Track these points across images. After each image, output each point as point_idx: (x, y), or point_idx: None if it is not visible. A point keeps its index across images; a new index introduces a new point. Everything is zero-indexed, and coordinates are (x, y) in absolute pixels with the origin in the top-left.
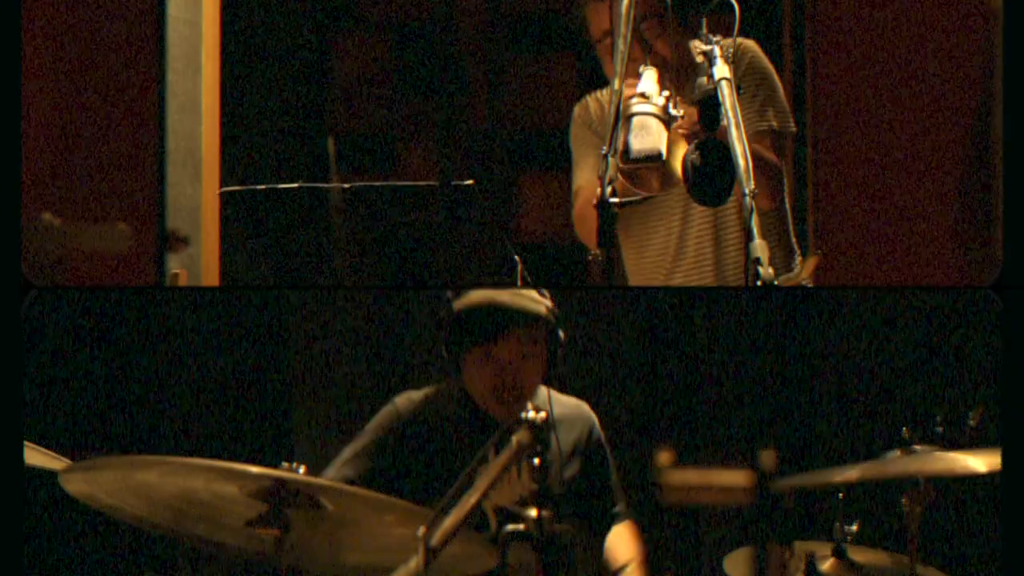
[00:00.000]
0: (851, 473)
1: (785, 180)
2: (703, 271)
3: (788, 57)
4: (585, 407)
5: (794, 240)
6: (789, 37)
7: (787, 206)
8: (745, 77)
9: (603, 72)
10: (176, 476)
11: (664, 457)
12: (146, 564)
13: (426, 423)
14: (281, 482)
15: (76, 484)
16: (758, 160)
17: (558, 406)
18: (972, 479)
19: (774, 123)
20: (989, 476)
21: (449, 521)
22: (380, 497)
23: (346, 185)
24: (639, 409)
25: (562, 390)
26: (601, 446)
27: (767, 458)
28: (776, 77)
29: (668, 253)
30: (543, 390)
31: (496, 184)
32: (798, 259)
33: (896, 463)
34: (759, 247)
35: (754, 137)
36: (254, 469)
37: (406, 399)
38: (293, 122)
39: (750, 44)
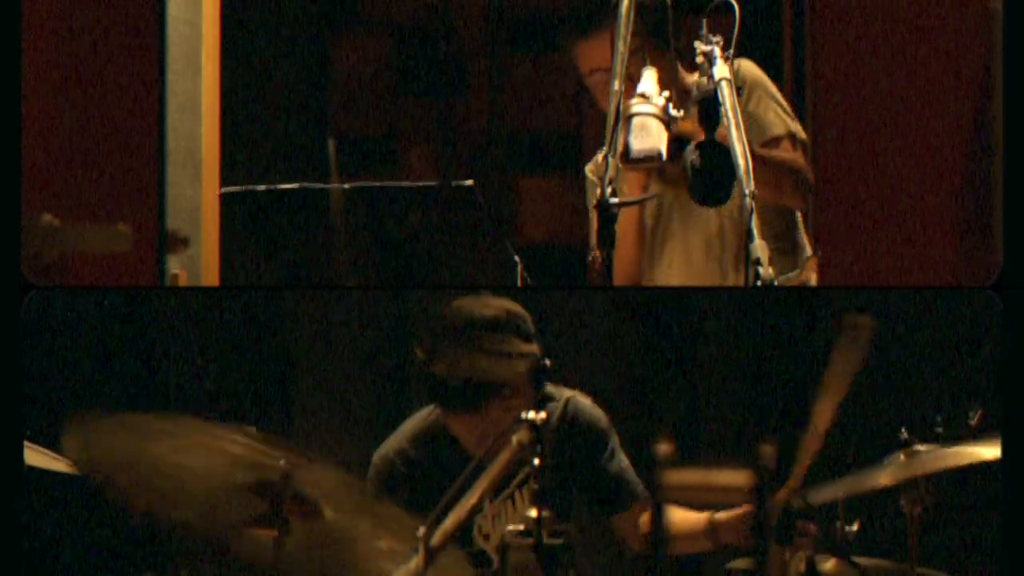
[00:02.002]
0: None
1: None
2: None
3: (788, 58)
4: (580, 398)
5: (805, 237)
6: (789, 37)
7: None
8: (753, 92)
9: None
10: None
11: (663, 449)
12: (145, 564)
13: (419, 465)
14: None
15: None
16: (783, 165)
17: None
18: (971, 480)
19: (792, 126)
20: (989, 476)
21: (449, 521)
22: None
23: (346, 186)
24: (639, 408)
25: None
26: (603, 435)
27: (767, 453)
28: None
29: (714, 249)
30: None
31: (496, 185)
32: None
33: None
34: (759, 247)
35: (772, 141)
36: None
37: (393, 451)
38: (293, 123)
39: (746, 63)
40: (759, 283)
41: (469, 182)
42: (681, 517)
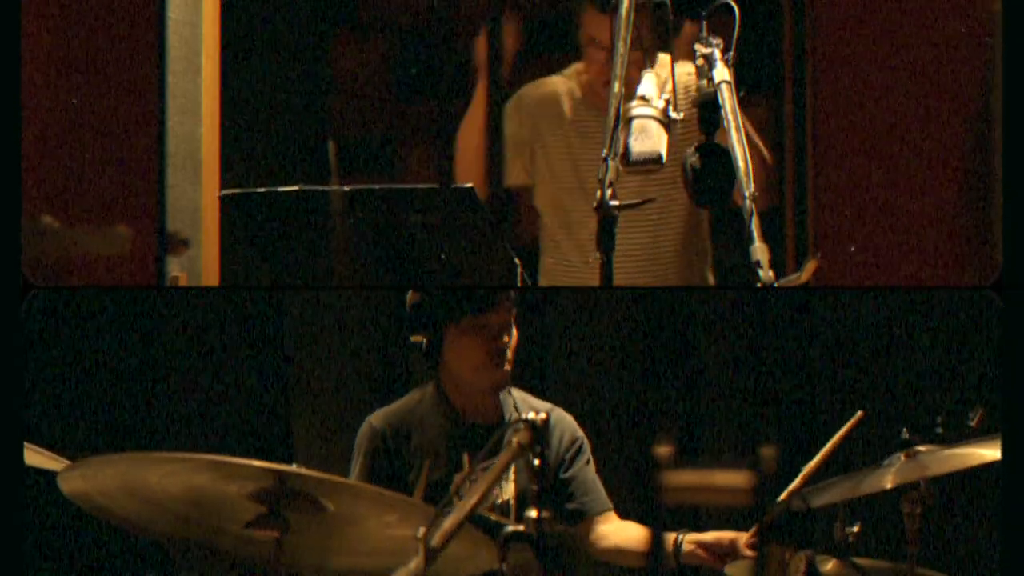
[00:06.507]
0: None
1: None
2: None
3: (788, 59)
4: (560, 410)
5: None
6: (789, 39)
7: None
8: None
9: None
10: (177, 477)
11: (663, 450)
12: (146, 564)
13: (405, 433)
14: (283, 480)
15: (73, 483)
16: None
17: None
18: (971, 480)
19: None
20: (989, 477)
21: (449, 521)
22: (380, 492)
23: (346, 188)
24: (639, 409)
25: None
26: (583, 447)
27: (767, 456)
28: None
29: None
30: (520, 395)
31: (496, 186)
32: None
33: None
34: (759, 249)
35: None
36: (258, 463)
37: (378, 417)
38: (293, 124)
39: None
40: (759, 284)
41: (469, 184)
42: (643, 533)
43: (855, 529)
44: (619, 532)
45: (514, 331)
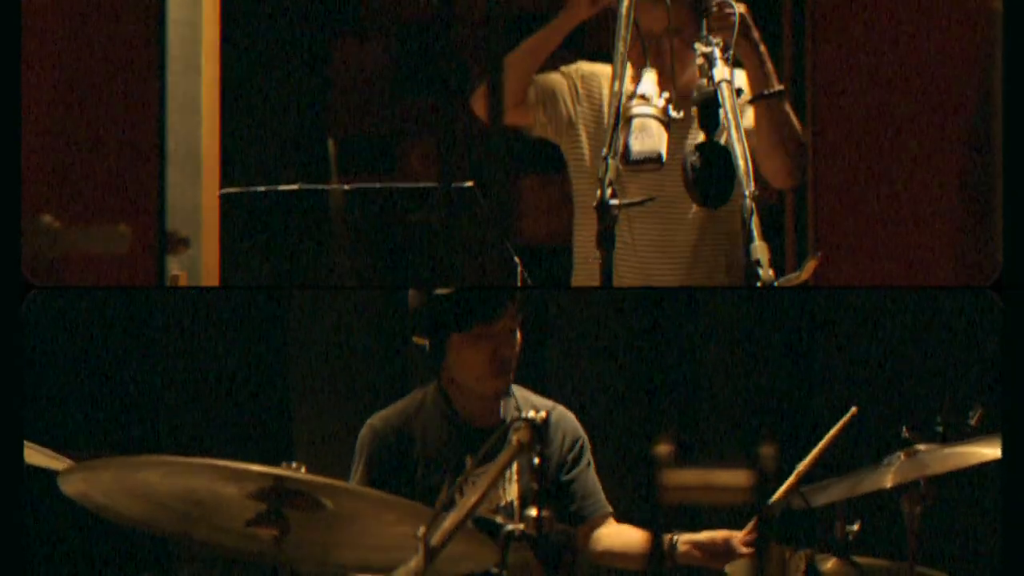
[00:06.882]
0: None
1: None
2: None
3: (788, 56)
4: (562, 408)
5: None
6: (789, 37)
7: None
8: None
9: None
10: (177, 477)
11: (663, 449)
12: (145, 564)
13: (407, 435)
14: (282, 481)
15: (74, 484)
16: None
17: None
18: (972, 480)
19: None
20: (989, 477)
21: (449, 521)
22: (380, 495)
23: (346, 186)
24: (638, 409)
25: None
26: (584, 449)
27: (767, 456)
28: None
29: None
30: (522, 393)
31: (496, 185)
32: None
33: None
34: (759, 248)
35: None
36: (256, 467)
37: (379, 418)
38: (293, 123)
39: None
40: (759, 283)
41: (469, 183)
42: (640, 536)
43: (855, 528)
44: (616, 536)
45: (518, 336)
